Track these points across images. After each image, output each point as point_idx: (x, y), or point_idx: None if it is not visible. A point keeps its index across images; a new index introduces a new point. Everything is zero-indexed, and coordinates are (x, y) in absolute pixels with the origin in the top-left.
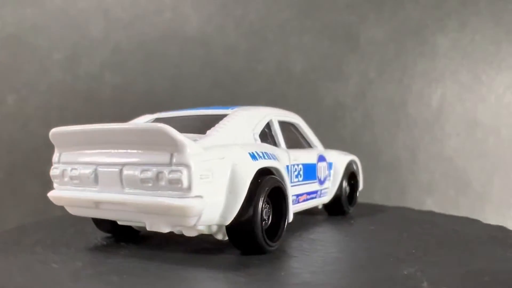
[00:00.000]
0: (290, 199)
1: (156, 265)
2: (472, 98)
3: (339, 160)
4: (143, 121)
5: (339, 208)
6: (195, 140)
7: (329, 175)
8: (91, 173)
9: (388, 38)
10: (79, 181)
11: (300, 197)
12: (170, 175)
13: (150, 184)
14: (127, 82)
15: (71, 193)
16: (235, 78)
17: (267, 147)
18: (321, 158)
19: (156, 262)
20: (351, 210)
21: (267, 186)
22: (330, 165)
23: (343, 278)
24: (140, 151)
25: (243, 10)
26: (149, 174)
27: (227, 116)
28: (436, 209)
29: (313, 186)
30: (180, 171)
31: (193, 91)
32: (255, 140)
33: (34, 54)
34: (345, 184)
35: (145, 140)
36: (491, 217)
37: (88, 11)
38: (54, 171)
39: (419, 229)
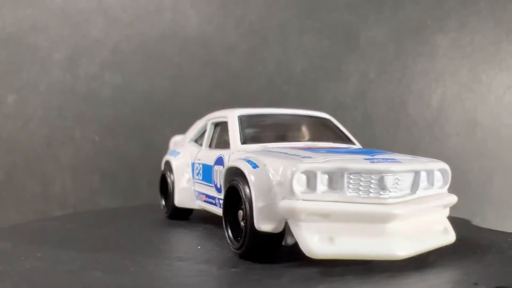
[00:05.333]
0: (176, 186)
1: None
2: (472, 98)
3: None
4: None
5: None
6: None
7: None
8: None
9: (388, 38)
10: None
11: (202, 195)
12: None
13: None
14: (127, 82)
15: None
16: (235, 78)
17: (181, 147)
18: (221, 161)
19: None
20: (236, 248)
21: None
22: None
23: None
24: None
25: (243, 10)
26: None
27: None
28: None
29: (211, 191)
30: None
31: (193, 91)
32: (187, 143)
33: (34, 54)
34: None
35: None
36: (490, 217)
37: (88, 11)
38: None
39: None
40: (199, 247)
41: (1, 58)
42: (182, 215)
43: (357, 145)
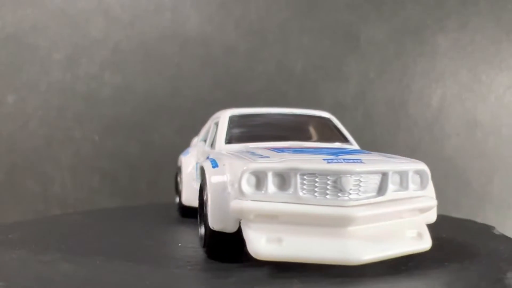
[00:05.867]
0: (183, 185)
1: None
2: (472, 98)
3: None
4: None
5: None
6: None
7: None
8: None
9: (388, 38)
10: None
11: None
12: None
13: None
14: (127, 82)
15: None
16: (235, 78)
17: (193, 147)
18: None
19: None
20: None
21: None
22: None
23: None
24: None
25: (243, 10)
26: None
27: None
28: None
29: None
30: None
31: (193, 91)
32: (198, 142)
33: (34, 54)
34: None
35: None
36: (491, 217)
37: (88, 11)
38: None
39: None
40: (179, 244)
41: (1, 58)
42: (192, 213)
43: (354, 145)
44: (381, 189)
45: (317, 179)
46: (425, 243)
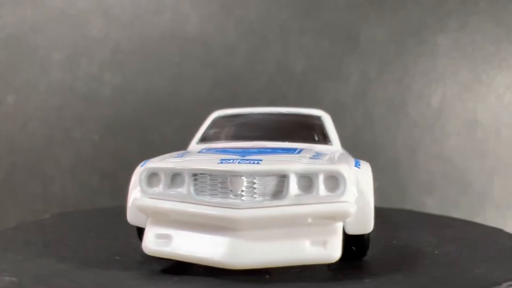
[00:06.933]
0: None
1: None
2: (472, 98)
3: None
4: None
5: None
6: None
7: None
8: None
9: (388, 38)
10: None
11: None
12: None
13: None
14: (127, 82)
15: None
16: (235, 78)
17: None
18: None
19: None
20: None
21: None
22: None
23: None
24: None
25: (243, 10)
26: None
27: None
28: (436, 209)
29: None
30: None
31: (193, 91)
32: None
33: (34, 54)
34: None
35: None
36: (491, 218)
37: (88, 11)
38: None
39: None
40: None
41: (1, 58)
42: None
43: (334, 146)
44: (281, 192)
45: (209, 180)
46: (329, 254)
